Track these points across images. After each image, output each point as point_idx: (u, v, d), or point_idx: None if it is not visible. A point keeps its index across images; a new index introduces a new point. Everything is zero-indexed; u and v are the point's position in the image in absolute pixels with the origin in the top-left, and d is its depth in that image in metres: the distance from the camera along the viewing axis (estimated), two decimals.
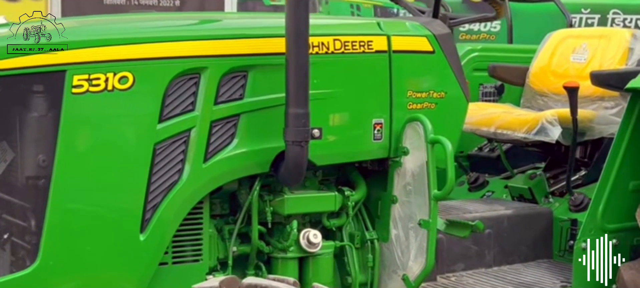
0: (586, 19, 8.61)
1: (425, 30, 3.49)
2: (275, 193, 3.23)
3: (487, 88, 5.01)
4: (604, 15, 8.59)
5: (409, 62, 3.43)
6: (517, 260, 4.09)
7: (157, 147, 2.87)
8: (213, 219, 3.19)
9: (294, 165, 3.02)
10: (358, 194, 3.46)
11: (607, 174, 3.79)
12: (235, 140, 3.04)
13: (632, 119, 3.78)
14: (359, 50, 3.28)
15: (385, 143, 3.38)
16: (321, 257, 3.33)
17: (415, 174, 3.36)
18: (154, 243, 2.88)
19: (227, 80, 3.01)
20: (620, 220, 3.76)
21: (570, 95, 3.95)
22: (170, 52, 2.88)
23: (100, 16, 3.05)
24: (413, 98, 3.43)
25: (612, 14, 8.56)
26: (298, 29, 2.90)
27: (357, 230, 3.51)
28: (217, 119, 2.99)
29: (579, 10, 8.54)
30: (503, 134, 4.22)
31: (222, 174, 3.03)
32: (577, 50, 4.52)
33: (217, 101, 2.99)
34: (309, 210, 3.30)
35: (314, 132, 3.08)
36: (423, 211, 3.33)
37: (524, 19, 8.06)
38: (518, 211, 4.15)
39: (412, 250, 3.39)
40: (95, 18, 2.95)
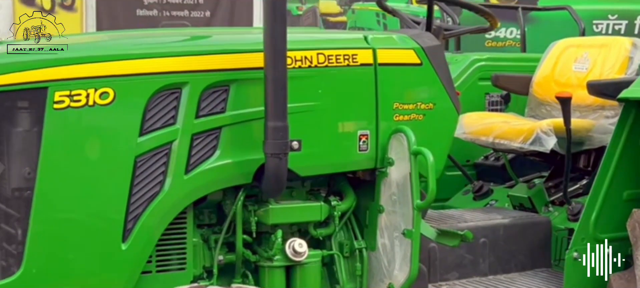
0: (613, 25, 8.56)
1: (412, 43, 3.54)
2: (260, 203, 3.32)
3: (493, 97, 5.04)
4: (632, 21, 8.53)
5: (396, 74, 3.49)
6: (513, 269, 4.11)
7: (138, 159, 2.98)
8: (199, 229, 3.29)
9: (273, 176, 3.10)
10: (346, 204, 3.53)
11: (600, 184, 3.80)
12: (217, 152, 3.13)
13: (626, 128, 3.80)
14: (344, 63, 3.35)
15: (371, 154, 3.44)
16: (308, 266, 3.40)
17: (400, 185, 3.41)
18: (136, 252, 2.99)
19: (209, 94, 3.11)
20: (614, 230, 3.77)
21: (563, 105, 3.97)
22: (150, 68, 2.99)
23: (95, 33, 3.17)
24: (400, 110, 3.49)
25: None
26: (275, 44, 2.99)
27: (346, 239, 3.57)
28: (198, 132, 3.09)
29: (606, 17, 8.50)
30: (501, 144, 4.25)
31: (204, 185, 3.13)
32: (579, 60, 4.53)
33: (199, 115, 3.09)
34: (294, 220, 3.38)
35: (293, 144, 3.16)
36: (407, 221, 3.39)
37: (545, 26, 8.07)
38: (515, 220, 4.17)
39: (397, 259, 3.45)
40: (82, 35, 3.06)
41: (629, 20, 8.43)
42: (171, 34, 3.36)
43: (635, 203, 3.75)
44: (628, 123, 3.78)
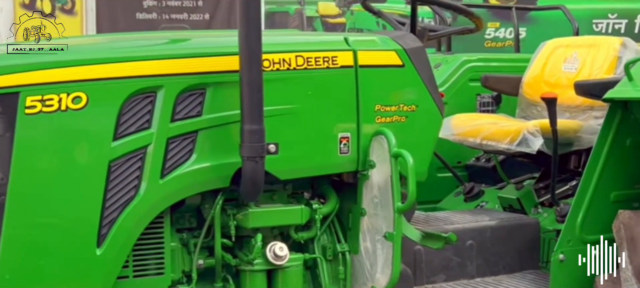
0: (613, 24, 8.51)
1: (394, 45, 3.52)
2: (239, 207, 3.29)
3: (484, 98, 5.00)
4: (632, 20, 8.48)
5: (377, 76, 3.46)
6: (501, 271, 4.08)
7: (112, 164, 2.97)
8: (178, 233, 3.27)
9: (250, 180, 3.09)
10: (328, 207, 3.50)
11: (586, 185, 3.77)
12: (194, 156, 3.12)
13: (612, 128, 3.77)
14: (323, 66, 3.33)
15: (352, 156, 3.42)
16: (289, 269, 3.38)
17: (381, 187, 3.39)
18: (111, 257, 2.97)
19: (184, 97, 3.09)
20: (600, 232, 3.73)
21: (548, 106, 3.93)
22: (124, 72, 2.97)
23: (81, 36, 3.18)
24: (381, 112, 3.47)
25: None
26: (250, 47, 2.98)
27: (329, 243, 3.55)
28: (174, 136, 3.07)
29: (606, 16, 8.45)
30: (488, 145, 4.22)
31: (181, 189, 3.11)
32: (568, 60, 4.49)
33: (174, 118, 3.08)
34: (274, 224, 3.36)
35: (270, 147, 3.15)
36: (389, 223, 3.36)
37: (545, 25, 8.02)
38: (503, 222, 4.14)
39: (379, 262, 3.42)
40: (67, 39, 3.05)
41: (629, 19, 8.37)
42: (149, 38, 3.34)
43: (622, 205, 3.72)
44: (614, 123, 3.75)
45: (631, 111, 3.76)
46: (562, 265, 3.72)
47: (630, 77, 3.62)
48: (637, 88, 3.62)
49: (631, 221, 3.53)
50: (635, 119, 3.76)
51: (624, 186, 3.78)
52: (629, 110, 3.76)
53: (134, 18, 9.59)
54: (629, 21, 8.37)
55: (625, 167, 3.77)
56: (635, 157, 3.73)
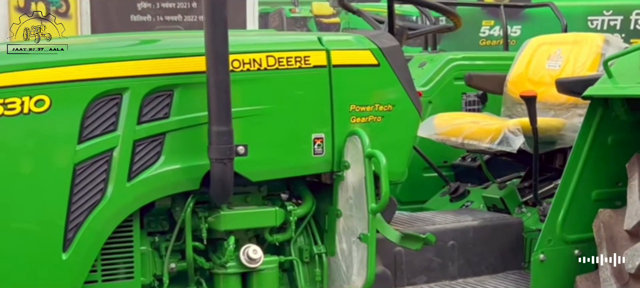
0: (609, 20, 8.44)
1: (369, 44, 3.48)
2: (211, 209, 3.26)
3: (470, 97, 4.96)
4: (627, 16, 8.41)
5: (351, 76, 3.43)
6: (484, 271, 4.03)
7: (77, 167, 2.93)
8: (150, 236, 3.24)
9: (219, 182, 3.05)
10: (303, 209, 3.47)
11: (566, 184, 3.72)
12: (162, 158, 3.08)
13: (592, 126, 3.71)
14: (295, 65, 3.30)
15: (327, 157, 3.38)
16: (264, 272, 3.34)
17: (356, 188, 3.35)
18: (77, 261, 2.94)
19: (151, 99, 3.06)
20: (582, 231, 3.69)
21: (528, 104, 3.89)
22: (88, 74, 2.94)
23: None
24: (356, 112, 3.43)
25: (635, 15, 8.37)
26: (216, 48, 2.94)
27: (306, 245, 3.52)
28: (141, 138, 3.04)
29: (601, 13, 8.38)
30: (470, 144, 4.17)
31: (149, 192, 3.07)
32: (552, 57, 4.44)
33: (141, 121, 3.04)
34: (247, 226, 3.32)
35: (239, 149, 3.11)
36: (363, 225, 3.33)
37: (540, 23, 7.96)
38: (485, 222, 4.09)
39: (355, 264, 3.38)
40: None
41: (624, 16, 8.30)
42: (115, 39, 3.31)
43: (604, 203, 3.66)
44: (595, 121, 3.70)
45: (612, 108, 3.70)
46: (543, 266, 3.68)
47: (609, 74, 3.57)
48: (617, 85, 3.56)
49: (611, 220, 3.48)
50: (616, 116, 3.70)
51: (606, 184, 3.72)
52: (610, 107, 3.71)
53: (128, 20, 9.55)
54: (624, 18, 8.30)
55: (606, 165, 3.71)
56: (617, 155, 3.68)
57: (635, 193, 3.36)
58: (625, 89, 3.53)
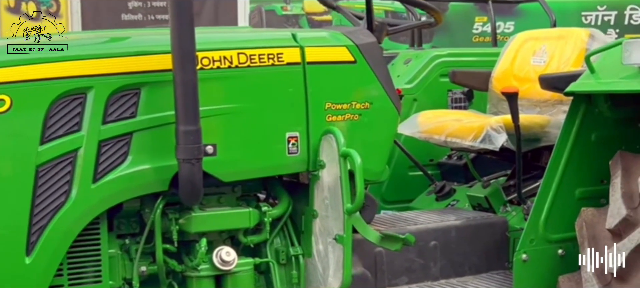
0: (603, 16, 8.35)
1: (346, 40, 3.41)
2: (182, 211, 3.18)
3: (456, 94, 4.88)
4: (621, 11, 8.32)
5: (327, 73, 3.35)
6: (467, 272, 3.95)
7: (40, 169, 2.86)
8: (119, 239, 3.17)
9: (188, 183, 2.98)
10: (279, 209, 3.40)
11: (549, 182, 3.65)
12: (129, 159, 3.01)
13: (575, 123, 3.64)
14: (268, 63, 3.22)
15: (302, 156, 3.31)
16: (239, 275, 3.26)
17: (331, 188, 3.28)
18: (41, 265, 2.87)
19: (117, 98, 2.99)
20: (565, 230, 3.61)
21: (509, 101, 3.81)
22: (50, 73, 2.87)
23: None
24: (332, 110, 3.35)
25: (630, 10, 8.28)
26: (182, 45, 2.86)
27: (282, 246, 3.44)
28: (106, 139, 2.96)
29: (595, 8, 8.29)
30: (453, 142, 4.09)
31: (115, 194, 3.00)
32: (537, 53, 4.36)
33: (106, 120, 2.97)
34: (220, 228, 3.25)
35: (207, 149, 3.03)
36: (339, 226, 3.25)
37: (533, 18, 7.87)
38: (469, 221, 4.01)
39: (331, 265, 3.31)
40: None
41: (618, 11, 8.21)
42: (80, 37, 3.24)
43: (588, 202, 3.58)
44: (578, 118, 3.62)
45: (595, 104, 3.62)
46: (525, 266, 3.60)
47: (592, 69, 3.49)
48: (599, 80, 3.48)
49: (594, 219, 3.40)
50: (599, 113, 3.62)
51: (589, 182, 3.64)
52: (593, 103, 3.63)
53: (119, 19, 9.49)
54: (618, 13, 8.21)
55: (590, 162, 3.63)
56: (601, 152, 3.60)
57: (618, 191, 3.28)
58: (608, 84, 3.45)
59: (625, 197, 3.25)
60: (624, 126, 3.63)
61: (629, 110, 3.62)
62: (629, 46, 3.27)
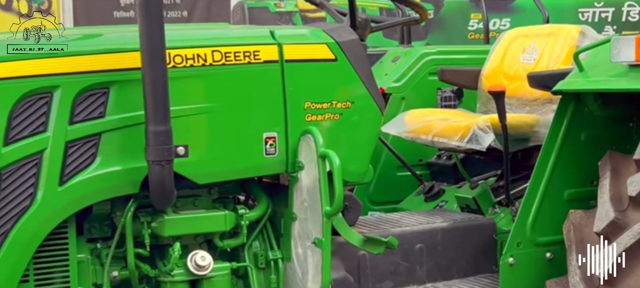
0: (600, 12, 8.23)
1: (326, 38, 3.30)
2: (155, 214, 3.08)
3: (445, 93, 4.76)
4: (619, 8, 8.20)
5: (306, 71, 3.24)
6: (455, 275, 3.84)
7: (3, 171, 2.76)
8: (90, 243, 3.07)
9: (158, 185, 2.87)
10: (257, 212, 3.29)
11: (536, 183, 3.55)
12: (97, 160, 2.90)
13: (564, 122, 3.53)
14: (244, 61, 3.12)
15: (280, 157, 3.20)
16: (215, 279, 3.16)
17: (310, 190, 3.17)
18: (5, 270, 2.77)
19: (84, 98, 2.88)
20: (554, 233, 3.50)
21: (496, 100, 3.70)
22: (13, 71, 2.76)
23: None
24: (312, 109, 3.25)
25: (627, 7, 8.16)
26: (151, 43, 2.76)
27: (261, 250, 3.34)
28: (73, 140, 2.86)
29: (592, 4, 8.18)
30: (440, 142, 3.98)
31: (84, 196, 2.90)
32: (527, 50, 4.25)
33: (73, 121, 2.86)
34: (194, 231, 3.14)
35: (179, 150, 2.93)
36: (318, 229, 3.15)
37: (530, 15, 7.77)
38: (456, 224, 3.90)
39: (310, 270, 3.21)
40: None
41: (615, 8, 8.10)
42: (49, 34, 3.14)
43: (577, 203, 3.48)
44: (566, 117, 3.52)
45: (585, 103, 3.52)
46: (512, 270, 3.50)
47: (580, 67, 3.39)
48: (588, 79, 3.38)
49: (582, 221, 3.30)
50: (589, 112, 3.52)
51: (579, 183, 3.54)
52: (583, 102, 3.53)
53: (111, 16, 9.41)
54: (615, 9, 8.10)
55: (579, 163, 3.53)
56: (590, 152, 3.49)
57: (606, 193, 3.18)
58: (597, 83, 3.35)
59: (614, 199, 3.14)
60: (614, 125, 3.53)
61: (620, 108, 3.52)
62: (618, 43, 3.17)
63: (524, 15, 7.94)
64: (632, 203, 3.09)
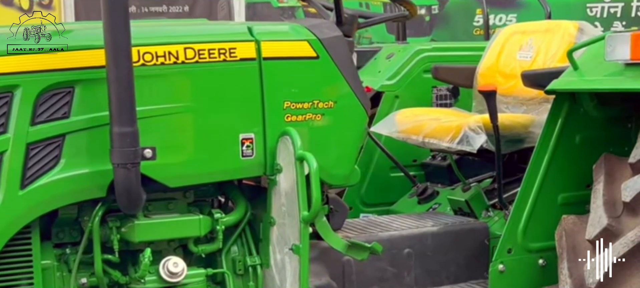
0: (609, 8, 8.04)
1: (307, 34, 3.16)
2: (124, 218, 2.94)
3: (441, 91, 4.60)
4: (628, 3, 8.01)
5: (285, 69, 3.10)
6: (445, 281, 3.69)
7: None
8: (57, 248, 2.94)
9: (123, 190, 2.74)
10: (234, 216, 3.16)
11: (529, 186, 3.39)
12: (61, 162, 2.78)
13: (558, 123, 3.38)
14: (219, 58, 2.98)
15: (258, 160, 3.07)
16: (189, 286, 3.03)
17: (288, 194, 3.04)
18: None
19: (47, 97, 2.76)
20: (547, 238, 3.34)
21: (487, 100, 3.54)
22: None
23: None
24: (292, 109, 3.11)
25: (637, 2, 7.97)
26: (115, 41, 2.63)
27: (240, 255, 3.21)
28: (35, 141, 2.74)
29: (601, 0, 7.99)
30: (431, 143, 3.83)
31: (46, 201, 2.77)
32: (524, 47, 4.08)
33: (35, 121, 2.74)
34: (166, 237, 3.01)
35: (146, 152, 2.79)
36: (296, 234, 3.01)
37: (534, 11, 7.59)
38: (446, 227, 3.75)
39: (288, 277, 3.07)
40: None
41: (625, 3, 7.91)
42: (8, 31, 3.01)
43: (572, 208, 3.32)
44: (560, 117, 3.36)
45: (580, 103, 3.36)
46: (502, 277, 3.35)
47: (575, 65, 3.23)
48: (583, 78, 3.22)
49: (575, 228, 3.14)
50: (584, 112, 3.37)
51: (574, 187, 3.38)
52: (578, 102, 3.37)
53: None
54: (625, 4, 7.91)
55: (574, 165, 3.37)
56: (586, 154, 3.33)
57: (599, 198, 3.02)
58: (592, 82, 3.19)
59: (608, 204, 2.99)
60: (611, 126, 3.37)
61: (617, 109, 3.36)
62: (613, 41, 3.01)
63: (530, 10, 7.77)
64: (626, 210, 2.94)
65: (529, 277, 3.37)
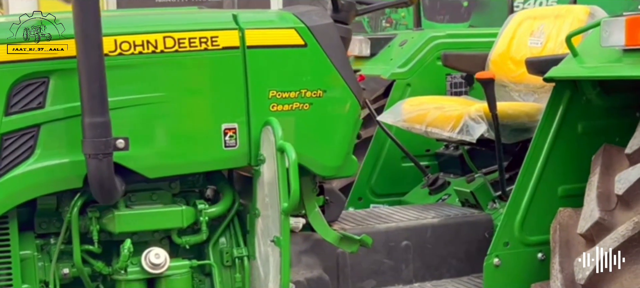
0: None
1: (295, 21, 3.09)
2: (105, 209, 2.92)
3: (455, 79, 4.49)
4: None
5: (271, 58, 3.04)
6: (446, 275, 3.60)
7: None
8: (40, 239, 2.93)
9: (96, 181, 2.72)
10: (220, 207, 3.11)
11: (526, 178, 3.28)
12: (36, 153, 2.76)
13: (558, 113, 3.26)
14: (200, 47, 2.93)
15: (242, 150, 3.01)
16: (173, 278, 3.00)
17: (270, 185, 2.97)
18: None
19: (21, 87, 2.74)
20: (546, 232, 3.21)
21: (485, 88, 3.43)
22: None
23: None
24: (278, 99, 3.04)
25: None
26: (85, 29, 2.60)
27: (228, 247, 3.17)
28: (9, 132, 2.72)
29: None
30: (433, 133, 3.73)
31: (22, 191, 2.76)
32: (535, 33, 3.95)
33: (9, 112, 2.72)
34: (147, 228, 2.97)
35: (118, 143, 2.76)
36: (277, 226, 2.95)
37: None
38: (448, 219, 3.65)
39: (271, 269, 3.01)
40: None
41: None
42: None
43: (572, 200, 3.20)
44: (561, 106, 3.24)
45: (582, 91, 3.23)
46: (497, 271, 3.25)
47: (574, 52, 3.10)
48: (583, 65, 3.09)
49: (570, 221, 3.03)
50: (587, 100, 3.24)
51: (575, 179, 3.24)
52: (580, 90, 3.24)
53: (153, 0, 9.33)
54: None
55: (575, 156, 3.24)
56: (589, 144, 3.20)
57: (593, 190, 2.90)
58: (592, 69, 3.06)
59: (601, 197, 2.86)
60: (616, 115, 3.23)
61: (622, 97, 3.21)
62: (608, 26, 2.88)
63: None
64: (620, 203, 2.81)
65: (526, 271, 3.26)
